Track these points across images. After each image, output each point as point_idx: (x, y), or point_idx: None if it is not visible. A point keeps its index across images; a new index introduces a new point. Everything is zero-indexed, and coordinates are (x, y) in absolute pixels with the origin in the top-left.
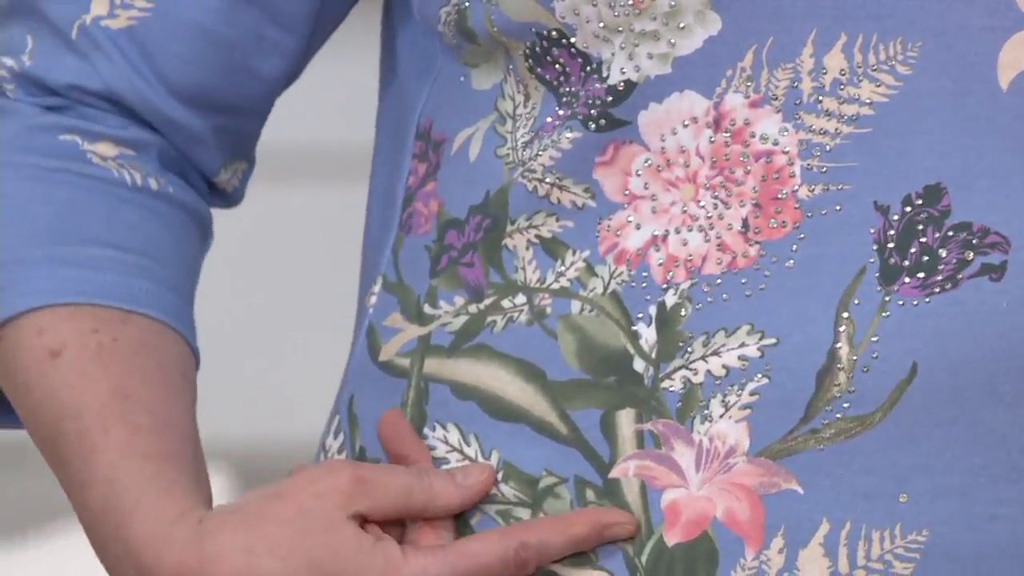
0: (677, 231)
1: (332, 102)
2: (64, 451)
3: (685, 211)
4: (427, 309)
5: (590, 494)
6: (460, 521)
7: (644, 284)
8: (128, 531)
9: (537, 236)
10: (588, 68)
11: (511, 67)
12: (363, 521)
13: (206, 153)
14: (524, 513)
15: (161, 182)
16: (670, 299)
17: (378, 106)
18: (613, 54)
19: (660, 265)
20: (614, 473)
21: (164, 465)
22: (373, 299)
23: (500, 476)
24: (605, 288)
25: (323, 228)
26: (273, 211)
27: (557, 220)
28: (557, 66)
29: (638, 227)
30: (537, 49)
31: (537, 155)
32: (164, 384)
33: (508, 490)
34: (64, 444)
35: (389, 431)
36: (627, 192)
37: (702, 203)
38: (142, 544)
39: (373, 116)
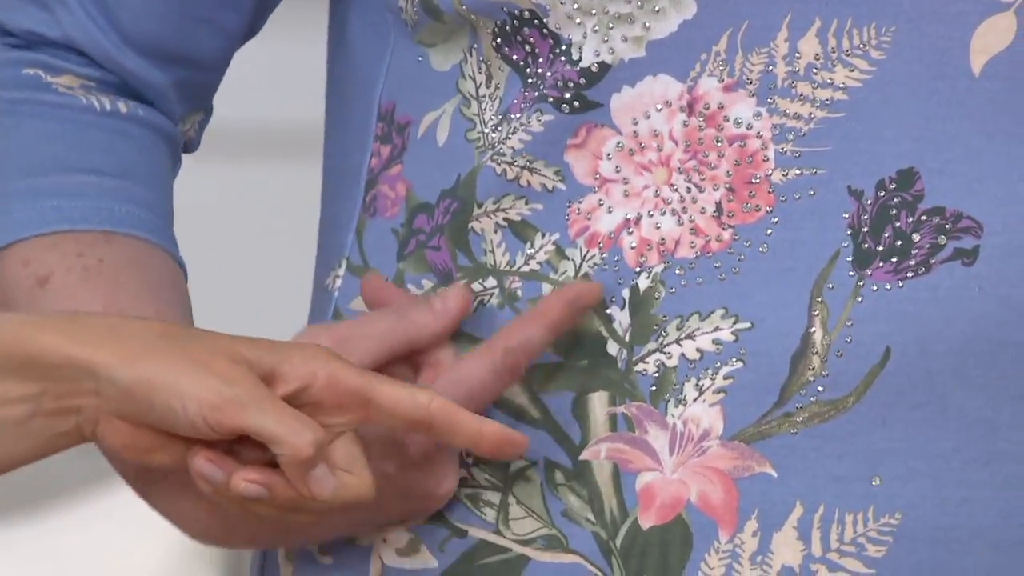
0: (650, 214)
1: (282, 79)
2: None
3: (658, 195)
4: None
5: (559, 476)
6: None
7: (617, 267)
8: None
9: (505, 219)
10: (557, 50)
11: (474, 46)
12: None
13: (166, 105)
14: (494, 496)
15: (129, 105)
16: (643, 282)
17: (328, 83)
18: (585, 36)
19: (633, 248)
20: (584, 455)
21: None
22: (338, 282)
23: (471, 460)
24: (577, 271)
25: (273, 207)
26: (223, 190)
27: (526, 203)
28: (527, 46)
29: (609, 210)
30: (507, 28)
31: (507, 138)
32: (156, 295)
33: (479, 474)
34: None
35: (371, 292)
36: (597, 175)
37: (675, 187)
38: None
39: (321, 93)
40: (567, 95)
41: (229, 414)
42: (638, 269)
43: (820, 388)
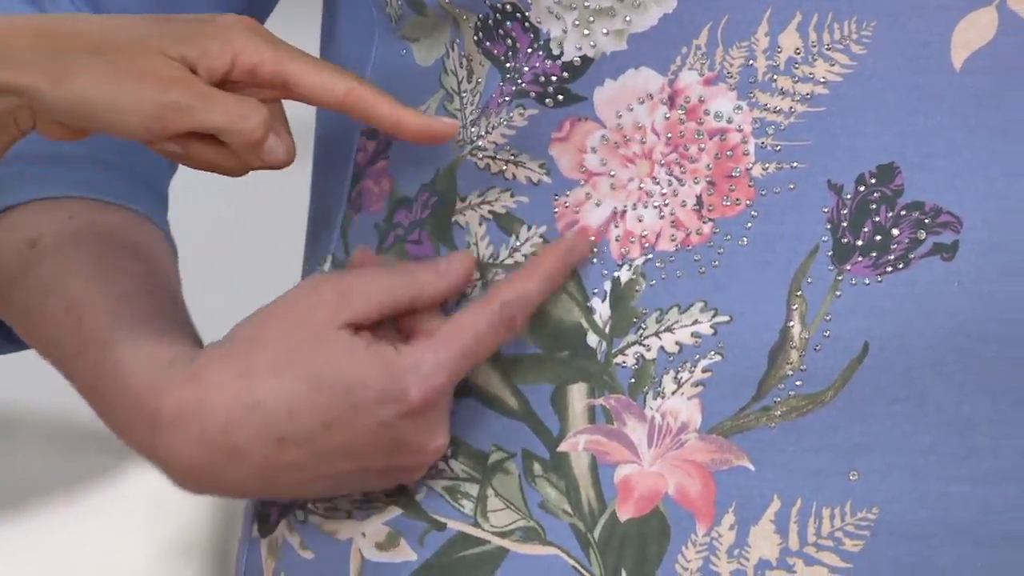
0: (634, 207)
1: None
2: (54, 329)
3: (641, 187)
4: None
5: (537, 468)
6: (406, 496)
7: (602, 260)
8: (126, 384)
9: (491, 212)
10: (536, 44)
11: (456, 41)
12: (356, 329)
13: None
14: (472, 488)
15: None
16: (624, 275)
17: None
18: (565, 31)
19: (617, 240)
20: (563, 447)
21: (153, 322)
22: None
23: (450, 452)
24: None
25: (266, 203)
26: (219, 184)
27: (511, 196)
28: (508, 40)
29: (598, 204)
30: (489, 22)
31: (487, 133)
32: (147, 260)
33: (457, 465)
34: (53, 322)
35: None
36: (583, 168)
37: (657, 179)
38: (140, 392)
39: None
40: (550, 88)
41: (173, 119)
42: (620, 261)
43: (798, 382)
